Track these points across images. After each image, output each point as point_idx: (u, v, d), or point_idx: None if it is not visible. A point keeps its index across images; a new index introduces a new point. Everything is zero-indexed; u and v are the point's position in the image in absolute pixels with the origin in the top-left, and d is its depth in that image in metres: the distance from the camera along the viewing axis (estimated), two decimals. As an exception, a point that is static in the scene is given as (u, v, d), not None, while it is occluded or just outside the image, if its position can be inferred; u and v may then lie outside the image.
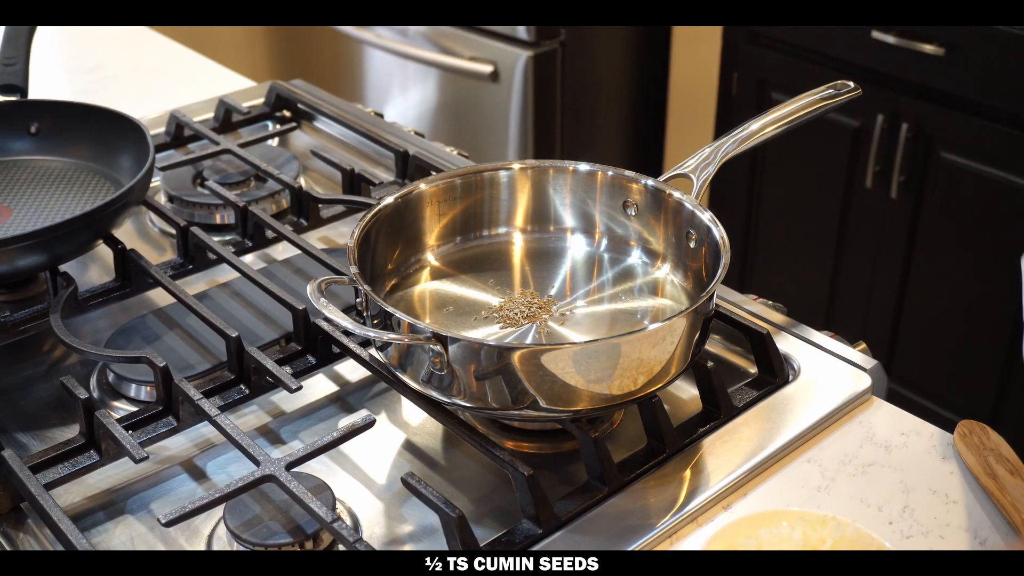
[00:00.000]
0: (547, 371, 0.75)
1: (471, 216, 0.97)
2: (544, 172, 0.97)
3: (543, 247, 0.98)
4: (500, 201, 0.97)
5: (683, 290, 0.92)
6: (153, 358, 0.86)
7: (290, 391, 0.85)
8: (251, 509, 0.77)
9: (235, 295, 1.02)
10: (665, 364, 0.79)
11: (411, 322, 0.77)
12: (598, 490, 0.79)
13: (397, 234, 0.93)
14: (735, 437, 0.84)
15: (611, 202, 0.96)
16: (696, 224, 0.89)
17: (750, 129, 0.96)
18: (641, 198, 0.94)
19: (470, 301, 0.91)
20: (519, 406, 0.77)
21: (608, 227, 0.97)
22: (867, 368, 0.91)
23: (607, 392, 0.77)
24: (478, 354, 0.76)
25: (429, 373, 0.79)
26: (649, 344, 0.77)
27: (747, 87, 2.20)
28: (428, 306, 0.91)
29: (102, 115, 1.11)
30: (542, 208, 0.98)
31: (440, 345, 0.76)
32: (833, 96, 0.99)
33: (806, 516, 0.73)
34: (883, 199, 2.03)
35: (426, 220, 0.95)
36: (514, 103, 2.30)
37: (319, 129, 1.36)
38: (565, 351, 0.76)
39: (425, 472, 0.85)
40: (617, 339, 0.77)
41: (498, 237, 0.98)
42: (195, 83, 1.51)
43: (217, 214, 1.15)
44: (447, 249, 0.97)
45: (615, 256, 0.97)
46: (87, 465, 0.82)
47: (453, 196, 0.96)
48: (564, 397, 0.77)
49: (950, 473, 0.82)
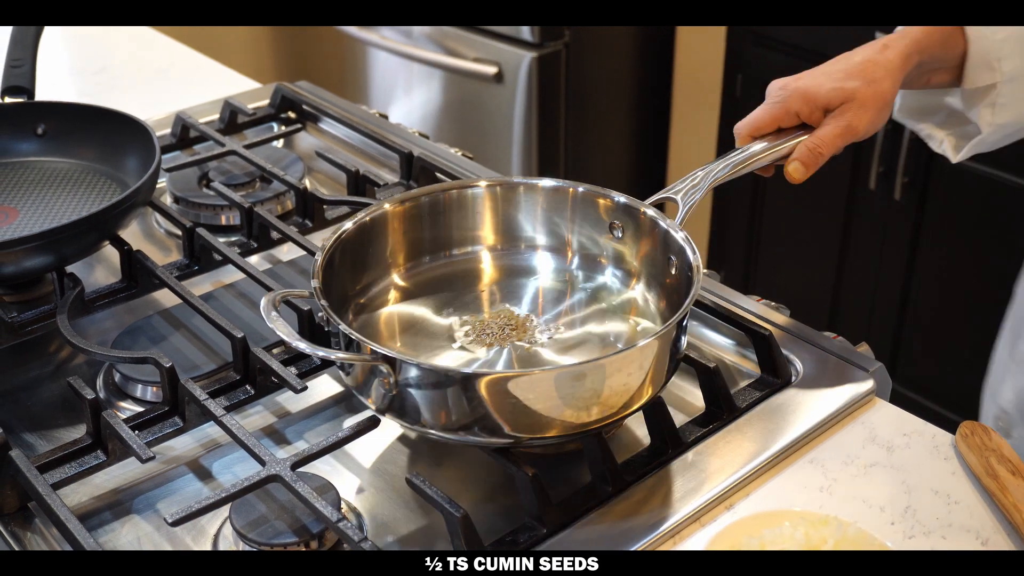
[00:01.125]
0: (510, 397, 0.73)
1: (439, 236, 0.95)
2: (513, 189, 0.95)
3: (513, 266, 0.96)
4: (468, 220, 0.95)
5: (658, 310, 0.90)
6: (159, 358, 0.86)
7: (295, 391, 0.86)
8: (257, 509, 0.77)
9: (240, 296, 1.02)
10: (630, 392, 0.76)
11: (363, 342, 0.75)
12: (602, 490, 0.79)
13: (364, 254, 0.91)
14: (738, 438, 0.85)
15: (586, 220, 0.94)
16: (673, 248, 0.86)
17: (747, 153, 0.93)
18: (619, 217, 0.92)
19: (438, 323, 0.89)
20: (472, 432, 0.75)
21: (581, 245, 0.95)
22: (870, 369, 0.91)
23: (559, 420, 0.75)
24: (429, 379, 0.75)
25: (382, 395, 0.77)
26: (613, 370, 0.74)
27: (751, 89, 2.21)
28: (396, 328, 0.90)
29: (108, 117, 1.12)
30: (512, 226, 0.96)
31: (389, 367, 0.74)
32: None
33: (808, 516, 0.74)
34: (887, 200, 2.03)
35: (393, 240, 0.93)
36: (518, 104, 2.30)
37: (324, 130, 1.36)
38: (523, 378, 0.74)
39: (430, 472, 0.86)
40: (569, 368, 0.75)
41: (467, 256, 0.96)
42: (201, 85, 1.51)
43: (223, 215, 1.16)
44: (415, 269, 0.94)
45: (590, 275, 0.94)
46: (94, 465, 0.82)
47: (420, 215, 0.94)
48: (515, 423, 0.74)
49: (952, 474, 0.82)
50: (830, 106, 0.93)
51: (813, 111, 0.94)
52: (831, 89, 0.93)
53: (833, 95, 0.93)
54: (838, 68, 0.94)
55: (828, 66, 0.96)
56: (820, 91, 0.93)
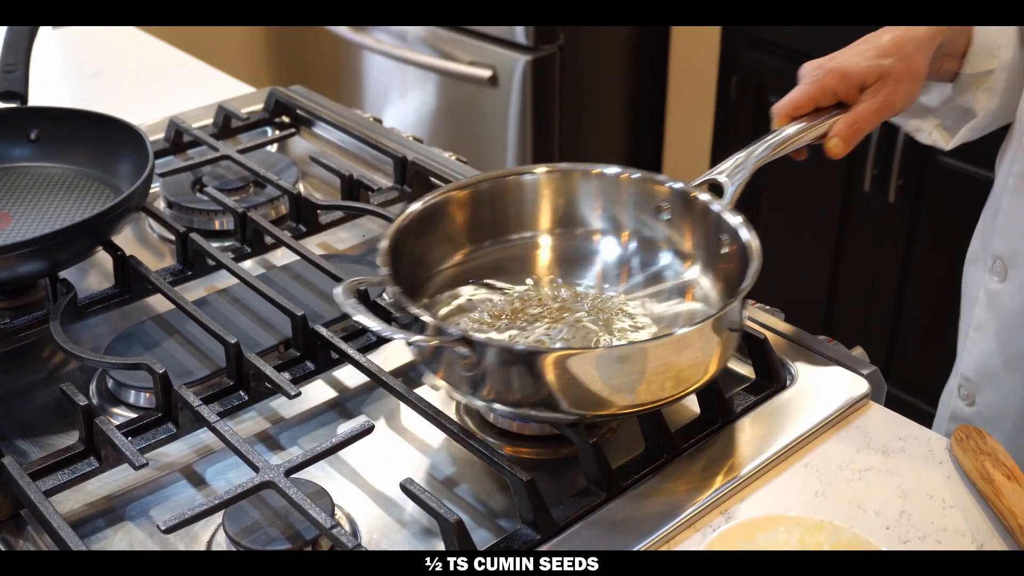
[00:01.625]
0: (573, 375, 0.75)
1: (498, 220, 0.97)
2: (569, 175, 0.97)
3: (572, 249, 0.98)
4: (528, 205, 0.97)
5: (716, 292, 0.91)
6: (152, 364, 0.86)
7: (289, 397, 0.86)
8: (250, 515, 0.77)
9: (234, 301, 1.02)
10: (697, 369, 0.79)
11: (440, 325, 0.78)
12: (596, 495, 0.79)
13: (426, 238, 0.93)
14: (733, 442, 0.84)
15: (639, 204, 0.96)
16: (725, 228, 0.89)
17: (784, 134, 0.94)
18: (669, 200, 0.94)
19: (499, 306, 0.91)
20: (547, 408, 0.77)
21: (637, 230, 0.97)
22: (865, 373, 0.91)
23: (635, 398, 0.78)
24: (507, 358, 0.77)
25: (458, 375, 0.79)
26: (676, 350, 0.77)
27: (746, 91, 2.21)
28: (458, 308, 0.92)
29: (102, 122, 1.11)
30: (570, 211, 0.98)
31: (469, 348, 0.76)
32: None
33: (803, 521, 0.73)
34: (881, 203, 2.03)
35: (454, 224, 0.95)
36: (513, 107, 2.30)
37: (318, 135, 1.36)
38: (590, 355, 0.76)
39: (424, 477, 0.86)
40: (644, 344, 0.78)
41: (525, 240, 0.98)
42: (195, 89, 1.51)
43: (216, 220, 1.15)
44: (476, 253, 0.96)
45: (646, 259, 0.96)
46: (87, 472, 0.82)
47: (480, 200, 0.96)
48: (589, 400, 0.77)
49: (947, 478, 0.82)
50: (866, 83, 0.96)
51: (850, 89, 0.96)
52: (867, 67, 0.95)
53: (869, 72, 0.95)
54: (869, 47, 0.97)
55: (858, 46, 0.98)
56: (856, 69, 0.95)
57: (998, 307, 1.03)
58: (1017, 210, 1.01)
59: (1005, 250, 1.02)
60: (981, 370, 1.06)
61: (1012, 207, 1.01)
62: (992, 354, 1.04)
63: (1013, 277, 1.01)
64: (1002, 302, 1.03)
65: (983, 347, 1.05)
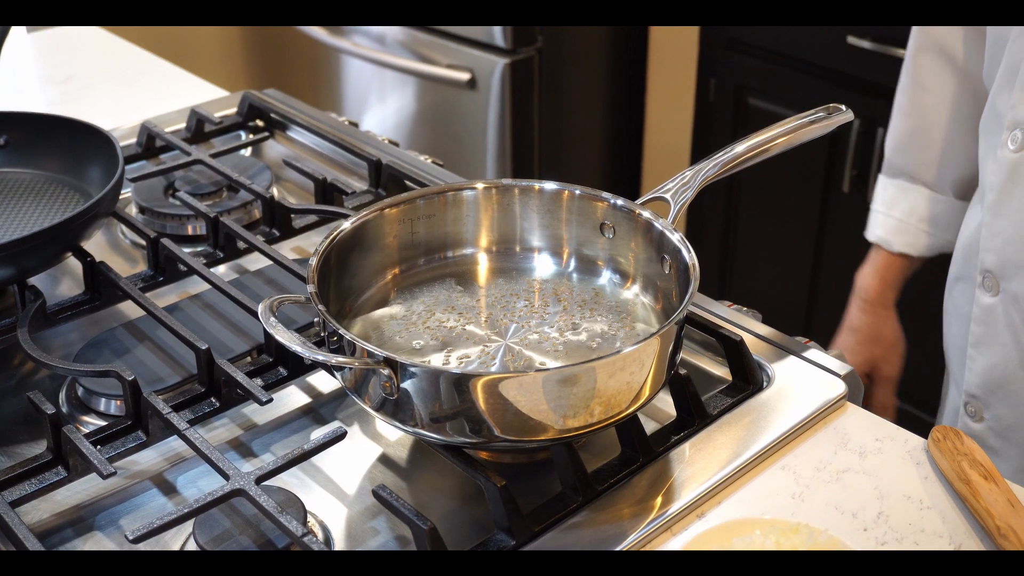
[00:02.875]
0: (506, 399, 0.73)
1: (433, 237, 0.95)
2: (510, 191, 0.95)
3: (509, 267, 0.95)
4: (465, 221, 0.95)
5: (655, 312, 0.89)
6: (122, 372, 0.85)
7: (260, 403, 0.85)
8: (221, 524, 0.76)
9: (206, 307, 1.01)
10: (632, 392, 0.76)
11: (363, 346, 0.75)
12: (572, 500, 0.78)
13: (359, 255, 0.90)
14: (709, 445, 0.84)
15: (581, 222, 0.94)
16: (667, 247, 0.87)
17: (733, 152, 0.93)
18: (612, 218, 0.92)
19: (432, 324, 0.89)
20: (477, 436, 0.75)
21: (578, 248, 0.95)
22: (841, 374, 0.90)
23: (570, 422, 0.75)
24: (433, 381, 0.74)
25: (382, 399, 0.77)
26: (614, 370, 0.74)
27: (725, 93, 2.20)
28: (388, 329, 0.89)
29: (72, 127, 1.10)
30: (508, 228, 0.95)
31: (391, 370, 0.74)
32: (822, 119, 0.96)
33: (779, 524, 0.73)
34: (861, 204, 2.03)
35: (389, 241, 0.93)
36: (492, 110, 2.29)
37: (292, 139, 1.35)
38: (527, 378, 0.73)
39: (397, 484, 0.85)
40: (578, 366, 0.74)
41: (463, 258, 0.96)
42: (168, 93, 1.50)
43: (189, 225, 1.14)
44: (410, 271, 0.94)
45: (585, 277, 0.94)
46: (55, 481, 0.80)
47: (416, 216, 0.93)
48: (524, 427, 0.74)
49: (924, 479, 0.82)
50: None
51: None
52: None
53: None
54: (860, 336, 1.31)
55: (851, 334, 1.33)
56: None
57: (994, 320, 1.04)
58: (1000, 224, 1.01)
59: (994, 264, 1.02)
60: (986, 385, 1.06)
61: (994, 222, 1.02)
62: (996, 367, 1.05)
63: (1007, 289, 1.02)
64: (998, 315, 1.03)
65: (985, 362, 1.05)
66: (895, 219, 1.26)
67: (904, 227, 1.26)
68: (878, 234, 1.29)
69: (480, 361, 0.84)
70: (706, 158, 0.94)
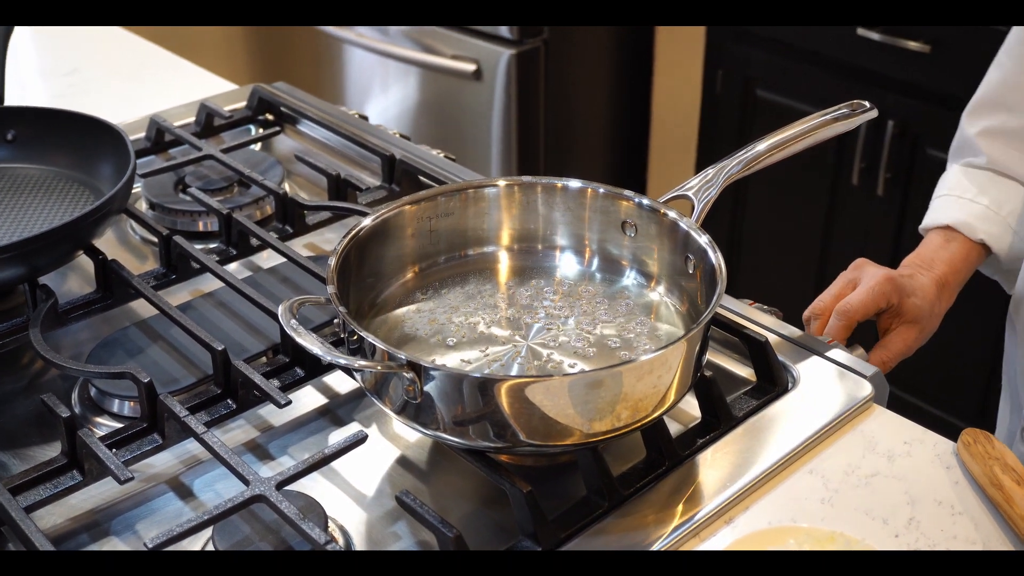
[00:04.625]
0: (531, 404, 0.71)
1: (454, 235, 0.93)
2: (532, 189, 0.93)
3: (532, 266, 0.94)
4: (486, 219, 0.93)
5: (679, 314, 0.88)
6: (137, 373, 0.83)
7: (279, 407, 0.83)
8: (240, 530, 0.75)
9: (220, 305, 0.99)
10: (659, 396, 0.75)
11: (385, 349, 0.74)
12: (597, 505, 0.77)
13: (379, 253, 0.89)
14: (735, 448, 0.82)
15: (604, 221, 0.92)
16: (693, 248, 0.85)
17: (756, 150, 0.91)
18: (636, 217, 0.90)
19: (455, 324, 0.87)
20: (501, 441, 0.74)
21: (601, 246, 0.93)
22: (867, 375, 0.89)
23: (595, 426, 0.73)
24: (457, 385, 0.73)
25: (404, 402, 0.75)
26: (642, 374, 0.73)
27: (732, 85, 2.19)
28: (409, 328, 0.87)
29: (81, 121, 1.08)
30: (530, 226, 0.94)
31: (414, 374, 0.72)
32: (846, 116, 0.94)
33: (814, 533, 0.72)
34: (869, 197, 2.02)
35: (409, 239, 0.91)
36: (497, 101, 2.28)
37: (303, 133, 1.33)
38: (554, 382, 0.72)
39: (417, 486, 0.83)
40: (605, 371, 0.73)
41: (484, 256, 0.94)
42: (175, 86, 1.48)
43: (200, 221, 1.12)
44: (431, 269, 0.92)
45: (609, 277, 0.92)
46: (70, 486, 0.79)
47: (436, 214, 0.92)
48: (550, 431, 0.73)
49: (955, 483, 0.80)
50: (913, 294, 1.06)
51: (901, 298, 1.06)
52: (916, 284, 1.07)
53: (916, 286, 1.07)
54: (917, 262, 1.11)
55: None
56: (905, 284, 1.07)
57: None
58: None
59: None
60: None
61: None
62: None
63: None
64: None
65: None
66: (982, 206, 1.11)
67: (991, 216, 1.10)
68: (959, 218, 1.11)
69: (503, 363, 0.83)
70: (729, 156, 0.92)
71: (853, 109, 0.96)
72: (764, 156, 0.92)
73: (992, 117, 1.13)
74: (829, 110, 0.96)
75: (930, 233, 1.13)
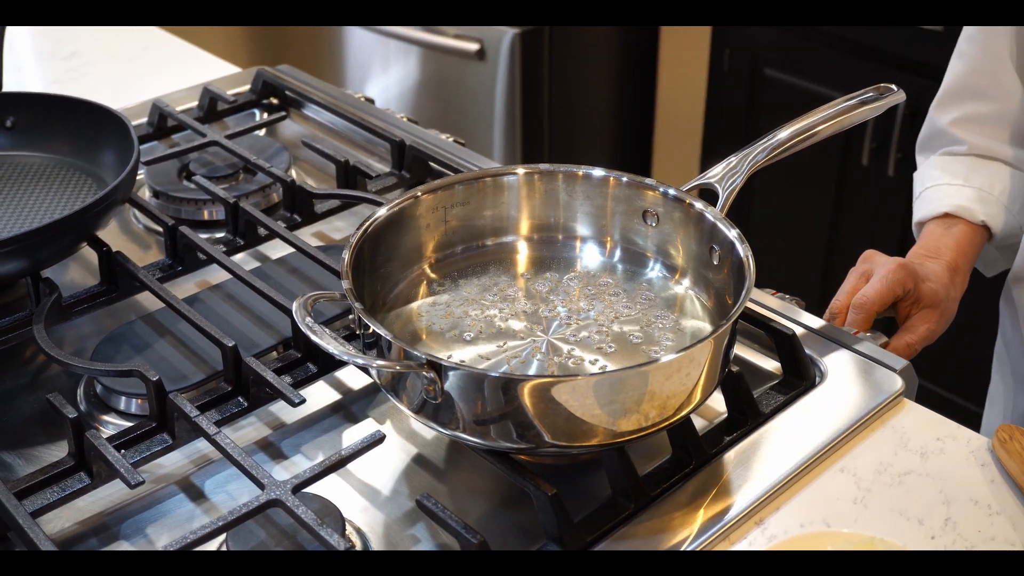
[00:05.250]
0: (556, 404, 0.69)
1: (472, 224, 0.90)
2: (552, 177, 0.90)
3: (552, 257, 0.91)
4: (505, 208, 0.90)
5: (704, 308, 0.85)
6: (145, 371, 0.80)
7: (293, 405, 0.81)
8: (256, 535, 0.72)
9: (228, 298, 0.96)
10: (686, 394, 0.72)
11: (403, 347, 0.71)
12: (624, 507, 0.74)
13: (394, 245, 0.86)
14: (764, 446, 0.80)
15: (627, 210, 0.89)
16: (719, 239, 0.83)
17: (779, 137, 0.89)
18: (659, 207, 0.88)
19: (472, 317, 0.84)
20: (524, 442, 0.71)
21: (623, 237, 0.90)
22: (897, 368, 0.87)
23: (622, 426, 0.71)
24: (479, 385, 0.70)
25: (422, 401, 0.72)
26: (667, 374, 0.70)
27: (739, 63, 2.16)
28: (425, 322, 0.84)
29: (81, 107, 1.05)
30: (551, 216, 0.91)
31: (435, 373, 0.70)
32: (873, 100, 0.91)
33: (852, 539, 0.69)
34: (880, 177, 1.99)
35: (425, 229, 0.88)
36: (500, 81, 2.24)
37: (308, 117, 1.30)
38: (580, 382, 0.69)
39: (435, 486, 0.81)
40: (633, 369, 0.71)
41: (502, 246, 0.91)
42: (176, 70, 1.45)
43: (205, 210, 1.09)
44: (447, 260, 0.90)
45: (631, 269, 0.90)
46: (78, 489, 0.76)
47: (453, 203, 0.89)
48: (575, 431, 0.70)
49: (991, 482, 0.78)
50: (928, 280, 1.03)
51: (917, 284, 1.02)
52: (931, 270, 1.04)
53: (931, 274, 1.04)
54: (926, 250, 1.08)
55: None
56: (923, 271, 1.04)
57: None
58: None
59: None
60: None
61: None
62: None
63: None
64: None
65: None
66: (975, 188, 1.10)
67: (986, 197, 1.09)
68: (956, 203, 1.09)
69: (522, 359, 0.80)
70: (753, 142, 0.89)
71: (880, 93, 0.93)
72: (788, 143, 0.90)
73: (962, 106, 1.12)
74: (855, 94, 0.93)
75: (928, 224, 1.11)
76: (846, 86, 1.59)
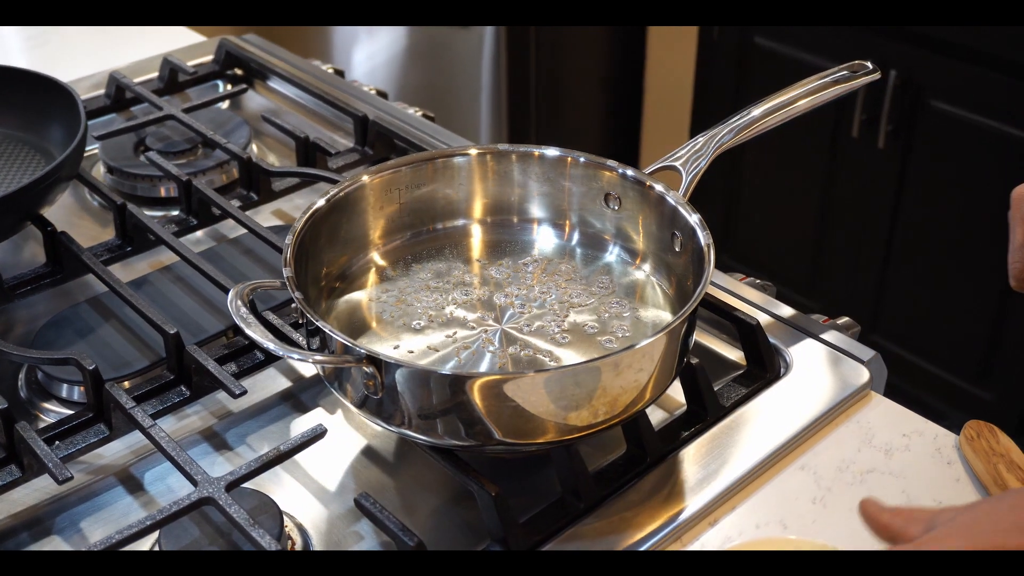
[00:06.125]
0: (502, 401, 0.66)
1: (422, 208, 0.87)
2: (506, 157, 0.86)
3: (507, 240, 0.88)
4: (458, 190, 0.87)
5: (665, 295, 0.82)
6: (81, 359, 0.78)
7: (234, 397, 0.78)
8: (189, 533, 0.69)
9: (178, 280, 0.93)
10: (638, 390, 0.69)
11: (342, 341, 0.68)
12: (573, 507, 0.72)
13: (342, 230, 0.83)
14: (722, 442, 0.77)
15: (586, 192, 0.86)
16: (680, 225, 0.79)
17: (750, 116, 0.85)
18: (618, 189, 0.84)
19: (423, 304, 0.81)
20: (471, 439, 0.68)
21: (582, 219, 0.87)
22: (865, 360, 0.84)
23: (572, 422, 0.68)
24: (423, 382, 0.67)
25: (364, 396, 0.70)
26: (622, 368, 0.67)
27: (729, 32, 2.11)
28: (374, 310, 0.81)
29: (29, 79, 1.01)
30: (506, 197, 0.87)
31: (374, 368, 0.67)
32: (847, 78, 0.88)
33: (805, 546, 0.66)
34: (870, 149, 1.95)
35: (371, 214, 0.85)
36: (486, 50, 2.20)
37: (273, 89, 1.26)
38: (527, 380, 0.66)
39: (382, 480, 0.78)
40: (583, 365, 0.67)
41: (455, 230, 0.88)
42: (138, 39, 1.40)
43: (161, 187, 1.06)
44: (399, 245, 0.86)
45: (590, 252, 0.86)
46: (8, 483, 0.74)
47: (404, 185, 0.85)
48: (525, 429, 0.68)
49: (956, 481, 0.75)
50: None
51: None
52: None
53: None
54: None
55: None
56: None
57: None
58: None
59: None
60: None
61: None
62: None
63: None
64: None
65: None
66: None
67: None
68: None
69: (473, 350, 0.77)
70: (721, 123, 0.86)
71: (854, 71, 0.89)
72: (758, 123, 0.86)
73: None
74: (828, 72, 0.89)
75: None
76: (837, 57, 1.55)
